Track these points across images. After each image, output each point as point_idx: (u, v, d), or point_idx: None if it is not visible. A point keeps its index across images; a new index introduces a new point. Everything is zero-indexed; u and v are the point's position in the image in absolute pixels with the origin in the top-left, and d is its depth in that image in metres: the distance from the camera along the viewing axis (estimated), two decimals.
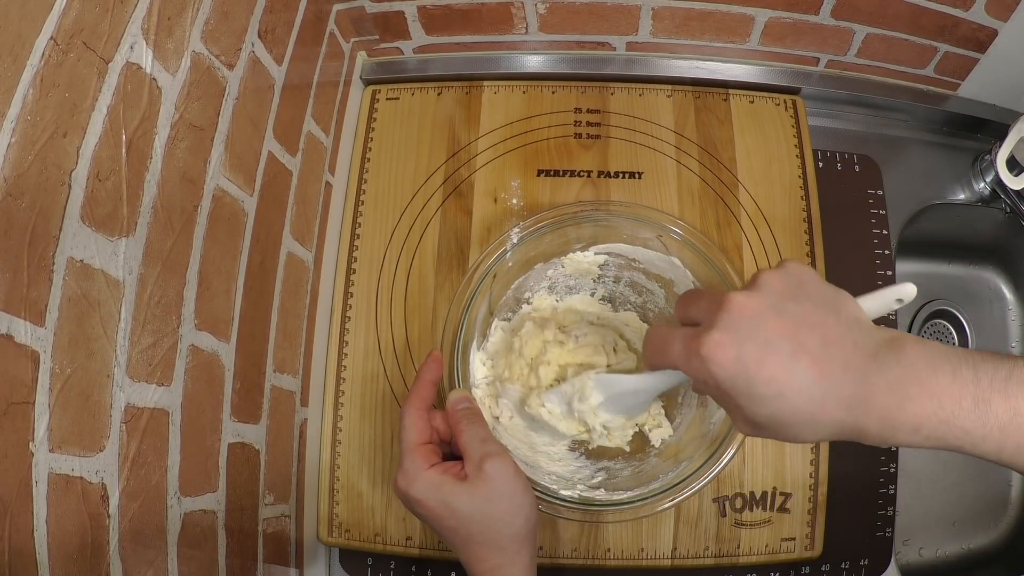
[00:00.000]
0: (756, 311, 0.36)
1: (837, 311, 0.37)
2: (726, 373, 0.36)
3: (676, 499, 0.50)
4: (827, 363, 0.35)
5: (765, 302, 0.36)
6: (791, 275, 0.38)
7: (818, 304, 0.37)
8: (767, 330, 0.36)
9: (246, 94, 0.48)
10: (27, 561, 0.30)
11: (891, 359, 0.35)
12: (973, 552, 0.74)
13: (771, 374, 0.35)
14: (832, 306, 0.37)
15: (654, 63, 0.72)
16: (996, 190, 0.72)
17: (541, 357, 0.57)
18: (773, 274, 0.38)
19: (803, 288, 0.37)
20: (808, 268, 0.39)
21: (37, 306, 0.31)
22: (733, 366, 0.36)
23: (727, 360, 0.36)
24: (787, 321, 0.36)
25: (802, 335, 0.35)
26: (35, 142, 0.30)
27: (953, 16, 0.63)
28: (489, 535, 0.44)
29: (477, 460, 0.45)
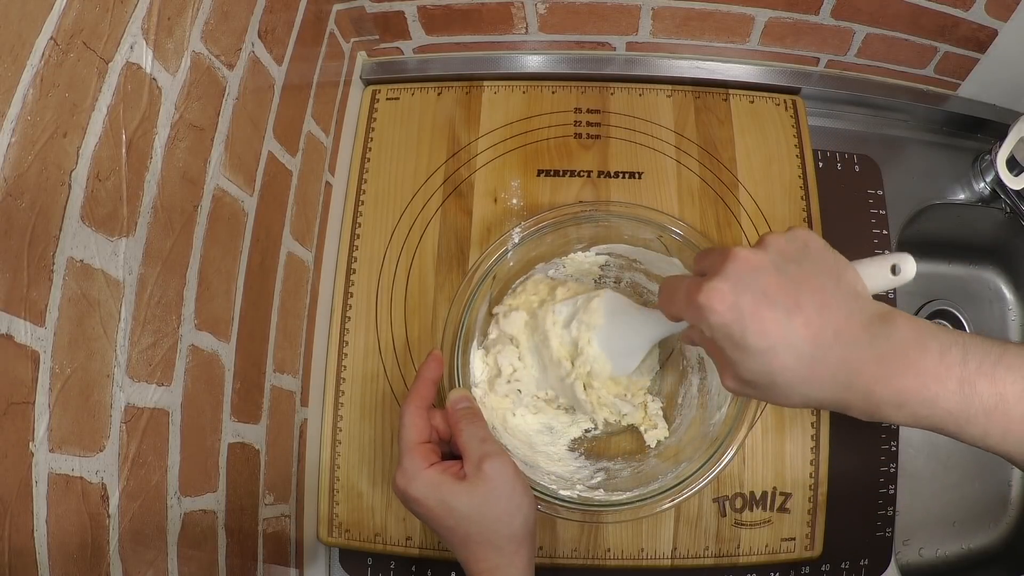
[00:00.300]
0: (758, 265, 0.37)
1: (837, 278, 0.38)
2: (720, 320, 0.37)
3: (676, 500, 0.50)
4: (821, 326, 0.36)
5: (768, 259, 0.38)
6: (797, 239, 0.39)
7: (819, 269, 0.38)
8: (766, 285, 0.37)
9: (246, 94, 0.48)
10: (27, 561, 0.30)
11: (882, 332, 0.35)
12: (973, 552, 0.74)
13: (765, 327, 0.36)
14: (833, 273, 0.38)
15: (654, 63, 0.72)
16: (996, 190, 0.72)
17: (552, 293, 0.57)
18: (779, 236, 0.39)
19: (807, 252, 0.38)
20: (815, 236, 0.39)
21: (37, 306, 0.31)
22: (728, 313, 0.37)
23: (723, 307, 0.37)
24: (787, 280, 0.37)
25: (800, 295, 0.36)
26: (35, 142, 0.30)
27: (953, 16, 0.63)
28: (487, 535, 0.44)
29: (476, 460, 0.45)
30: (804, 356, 0.36)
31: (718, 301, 0.37)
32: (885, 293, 0.53)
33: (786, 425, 0.61)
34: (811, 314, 0.36)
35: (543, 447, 0.58)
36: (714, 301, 0.37)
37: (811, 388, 0.37)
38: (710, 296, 0.37)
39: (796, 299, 0.36)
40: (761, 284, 0.37)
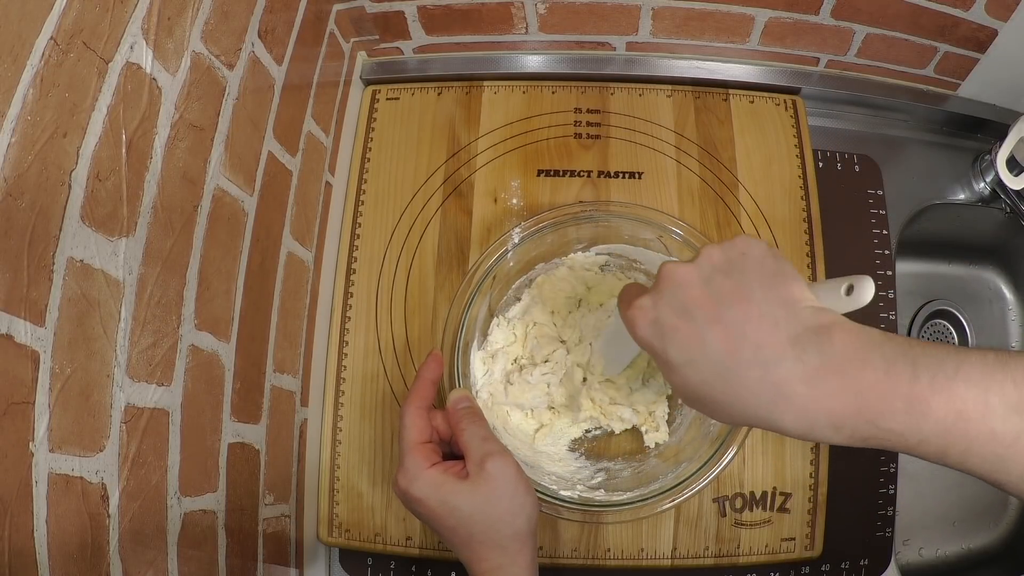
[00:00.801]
0: (682, 280, 0.37)
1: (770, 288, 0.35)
2: (643, 335, 0.38)
3: (676, 500, 0.50)
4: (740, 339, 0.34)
5: (695, 274, 0.37)
6: (735, 248, 0.37)
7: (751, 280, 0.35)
8: (687, 299, 0.36)
9: (246, 94, 0.48)
10: (27, 561, 0.30)
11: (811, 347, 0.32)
12: (973, 552, 0.74)
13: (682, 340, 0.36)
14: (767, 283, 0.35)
15: (654, 63, 0.72)
16: (996, 190, 0.72)
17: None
18: (716, 248, 0.38)
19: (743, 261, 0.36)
20: (759, 244, 0.37)
21: (37, 306, 0.31)
22: (649, 329, 0.37)
23: (645, 323, 0.37)
24: (711, 292, 0.36)
25: (721, 308, 0.35)
26: (35, 142, 0.30)
27: (953, 16, 0.63)
28: (490, 534, 0.44)
29: (478, 459, 0.45)
30: (723, 370, 0.34)
31: (641, 317, 0.38)
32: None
33: None
34: (730, 327, 0.34)
35: (544, 447, 0.58)
36: (638, 316, 0.38)
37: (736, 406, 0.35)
38: (634, 312, 0.38)
39: (717, 311, 0.35)
40: (682, 298, 0.36)
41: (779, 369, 0.33)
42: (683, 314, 0.36)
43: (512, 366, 0.59)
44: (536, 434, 0.58)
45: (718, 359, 0.34)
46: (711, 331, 0.35)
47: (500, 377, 0.58)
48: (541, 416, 0.59)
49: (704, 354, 0.35)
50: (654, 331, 0.37)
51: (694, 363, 0.35)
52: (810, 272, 0.65)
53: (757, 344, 0.34)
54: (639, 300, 0.38)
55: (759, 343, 0.34)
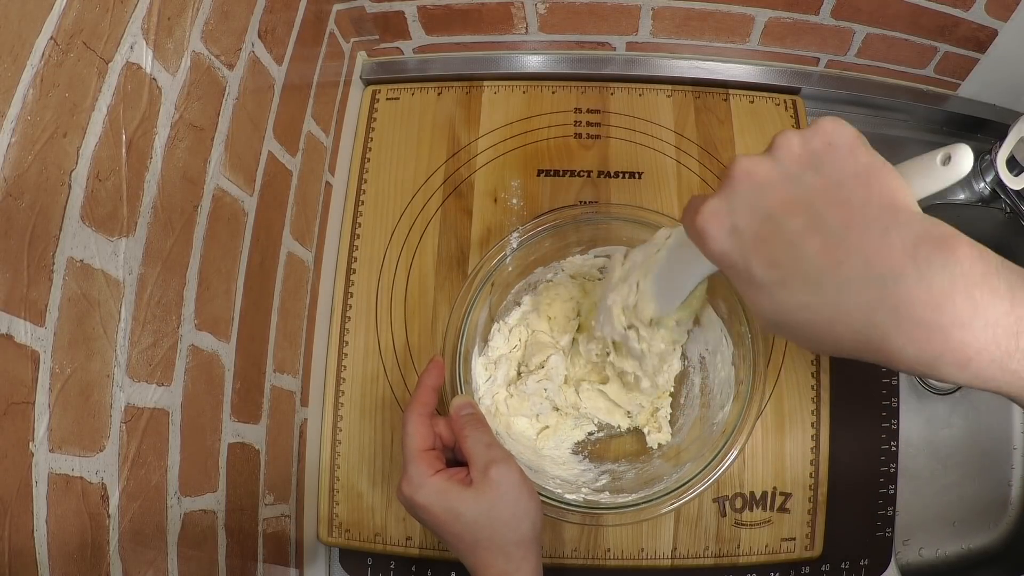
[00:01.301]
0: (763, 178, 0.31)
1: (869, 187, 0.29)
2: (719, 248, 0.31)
3: (676, 503, 0.50)
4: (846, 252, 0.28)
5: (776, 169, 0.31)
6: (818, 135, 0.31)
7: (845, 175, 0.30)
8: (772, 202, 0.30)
9: (246, 94, 0.48)
10: (27, 561, 0.30)
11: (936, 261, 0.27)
12: (973, 552, 0.74)
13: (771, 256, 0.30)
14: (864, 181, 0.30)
15: (654, 63, 0.72)
16: (996, 190, 0.72)
17: None
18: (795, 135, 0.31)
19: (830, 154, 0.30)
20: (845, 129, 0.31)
21: (37, 306, 0.31)
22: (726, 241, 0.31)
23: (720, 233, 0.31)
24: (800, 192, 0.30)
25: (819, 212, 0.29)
26: (35, 142, 0.30)
27: (953, 16, 0.63)
28: (495, 541, 0.44)
29: (482, 466, 0.44)
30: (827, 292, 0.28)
31: (715, 226, 0.31)
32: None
33: (786, 425, 0.61)
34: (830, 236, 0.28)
35: (548, 451, 0.58)
36: (710, 224, 0.31)
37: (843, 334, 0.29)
38: (707, 220, 0.31)
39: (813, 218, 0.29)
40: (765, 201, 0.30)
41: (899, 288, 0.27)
42: (768, 221, 0.30)
43: (513, 373, 0.59)
44: (539, 437, 0.58)
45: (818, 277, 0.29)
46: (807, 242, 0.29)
47: (503, 382, 0.58)
48: (544, 419, 0.59)
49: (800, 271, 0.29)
50: (734, 242, 0.31)
51: (787, 282, 0.29)
52: None
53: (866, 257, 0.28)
54: (709, 204, 0.32)
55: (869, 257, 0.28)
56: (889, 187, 0.29)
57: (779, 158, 0.31)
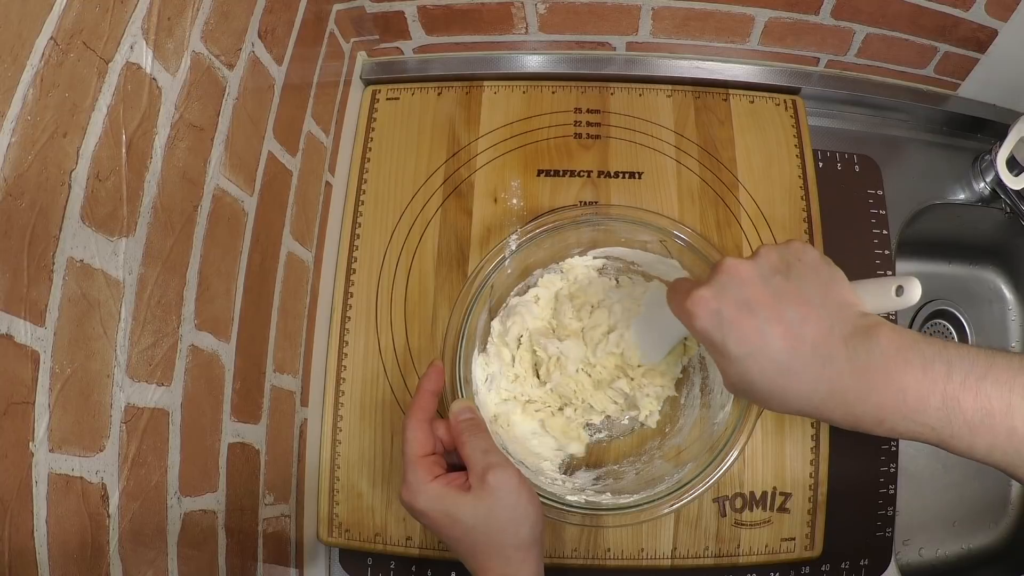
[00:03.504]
0: (745, 276, 0.39)
1: (825, 292, 0.38)
2: (703, 325, 0.39)
3: (676, 505, 0.50)
4: (799, 338, 0.37)
5: (755, 271, 0.39)
6: (790, 251, 0.40)
7: (807, 283, 0.38)
8: (750, 295, 0.38)
9: (246, 94, 0.48)
10: (27, 561, 0.30)
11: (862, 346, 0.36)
12: (973, 552, 0.74)
13: (743, 333, 0.38)
14: (822, 285, 0.38)
15: (654, 63, 0.72)
16: (996, 190, 0.72)
17: None
18: (772, 249, 0.40)
19: (798, 265, 0.39)
20: (810, 248, 0.40)
21: (37, 306, 0.31)
22: (711, 319, 0.39)
23: (706, 313, 0.39)
24: (771, 291, 0.38)
25: (782, 307, 0.37)
26: (35, 142, 0.30)
27: (953, 16, 0.63)
28: (494, 545, 0.44)
29: (480, 471, 0.45)
30: (782, 366, 0.37)
31: (702, 308, 0.39)
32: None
33: (786, 426, 0.61)
34: (791, 325, 0.37)
35: (548, 453, 0.58)
36: (698, 307, 0.39)
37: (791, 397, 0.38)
38: (695, 303, 0.39)
39: (777, 310, 0.37)
40: (745, 294, 0.38)
41: (833, 365, 0.36)
42: (744, 308, 0.38)
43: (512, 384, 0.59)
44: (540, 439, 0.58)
45: (777, 355, 0.37)
46: (772, 328, 0.37)
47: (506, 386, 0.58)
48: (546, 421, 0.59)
49: (764, 348, 0.37)
50: (715, 322, 0.38)
51: (753, 356, 0.37)
52: None
53: (815, 343, 0.36)
54: (698, 291, 0.39)
55: (816, 342, 0.36)
56: (841, 293, 0.38)
57: (759, 264, 0.39)
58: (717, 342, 0.39)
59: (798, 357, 0.37)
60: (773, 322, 0.37)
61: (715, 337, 0.39)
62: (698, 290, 0.40)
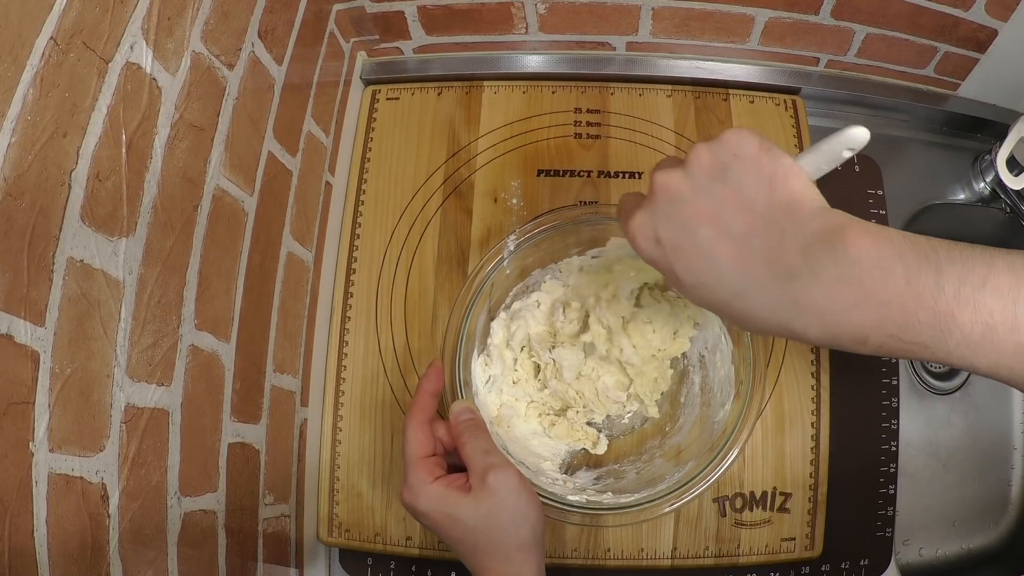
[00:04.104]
0: (677, 192, 0.34)
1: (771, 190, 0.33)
2: (648, 254, 0.36)
3: (676, 504, 0.50)
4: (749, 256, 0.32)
5: (688, 182, 0.34)
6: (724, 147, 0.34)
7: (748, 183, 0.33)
8: (686, 214, 0.34)
9: (246, 94, 0.48)
10: (27, 561, 0.30)
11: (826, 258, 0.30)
12: (973, 552, 0.74)
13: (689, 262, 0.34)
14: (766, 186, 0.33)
15: (654, 63, 0.72)
16: (996, 190, 0.72)
17: None
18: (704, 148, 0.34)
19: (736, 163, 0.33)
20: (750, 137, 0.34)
21: (37, 306, 0.31)
22: (653, 249, 0.35)
23: (647, 243, 0.35)
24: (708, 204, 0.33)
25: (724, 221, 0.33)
26: (35, 142, 0.30)
27: (953, 16, 0.63)
28: (495, 546, 0.44)
29: (480, 472, 0.45)
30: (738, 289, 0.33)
31: (641, 236, 0.35)
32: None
33: (786, 425, 0.61)
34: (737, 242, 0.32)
35: (548, 453, 0.58)
36: (638, 236, 0.36)
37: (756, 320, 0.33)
38: (634, 231, 0.36)
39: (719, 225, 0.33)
40: (682, 213, 0.34)
41: (795, 285, 0.31)
42: (684, 231, 0.34)
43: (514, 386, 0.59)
44: (540, 440, 0.58)
45: (731, 279, 0.33)
46: (718, 249, 0.33)
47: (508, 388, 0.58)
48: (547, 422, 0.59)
49: (716, 275, 0.33)
50: (659, 251, 0.35)
51: (707, 285, 0.34)
52: None
53: (767, 259, 0.32)
54: (636, 216, 0.36)
55: (769, 258, 0.32)
56: (789, 188, 0.32)
57: (691, 172, 0.34)
58: (666, 270, 0.35)
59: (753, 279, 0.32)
60: (717, 241, 0.33)
61: (662, 265, 0.35)
62: (635, 215, 0.36)
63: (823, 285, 0.30)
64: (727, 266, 0.33)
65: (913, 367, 0.79)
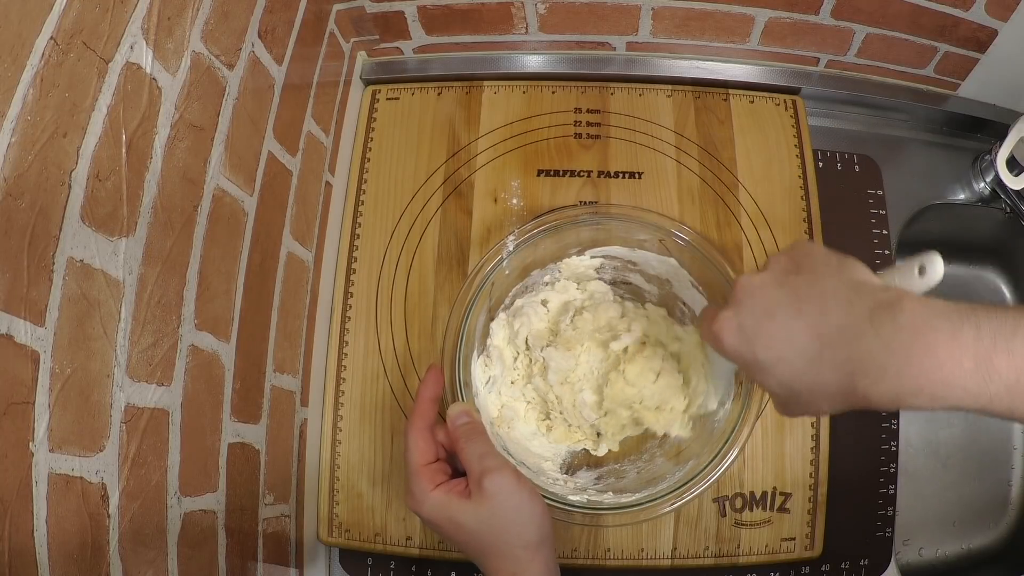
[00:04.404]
0: (759, 286, 0.39)
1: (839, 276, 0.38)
2: (732, 344, 0.40)
3: (677, 503, 0.50)
4: (823, 325, 0.36)
5: (768, 278, 0.40)
6: (797, 250, 0.40)
7: (820, 273, 0.38)
8: (767, 301, 0.39)
9: (246, 94, 0.48)
10: (27, 561, 0.30)
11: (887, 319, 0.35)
12: (973, 552, 0.74)
13: (769, 340, 0.38)
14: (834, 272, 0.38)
15: (654, 63, 0.72)
16: (996, 190, 0.72)
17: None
18: (781, 254, 0.41)
19: (809, 261, 0.39)
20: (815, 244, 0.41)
21: (37, 306, 0.31)
22: (736, 337, 0.39)
23: (731, 332, 0.40)
24: (787, 291, 0.38)
25: (800, 302, 0.37)
26: (35, 142, 0.30)
27: (953, 16, 0.63)
28: (501, 547, 0.45)
29: (477, 477, 0.45)
30: (812, 357, 0.37)
31: (727, 330, 0.40)
32: None
33: (786, 425, 0.61)
34: (812, 316, 0.37)
35: (548, 454, 0.58)
36: (724, 331, 0.40)
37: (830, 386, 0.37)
38: (720, 326, 0.40)
39: (797, 306, 0.37)
40: (762, 303, 0.39)
41: (861, 343, 0.35)
42: (766, 315, 0.38)
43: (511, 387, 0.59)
44: (540, 441, 0.58)
45: (805, 348, 0.37)
46: (795, 325, 0.37)
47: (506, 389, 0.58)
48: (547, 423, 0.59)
49: (792, 347, 0.37)
50: (741, 338, 0.39)
51: (784, 359, 0.37)
52: None
53: (838, 327, 0.36)
54: (721, 314, 0.40)
55: (839, 324, 0.36)
56: (854, 271, 0.38)
57: (771, 270, 0.40)
58: (747, 356, 0.39)
59: (825, 343, 0.36)
60: (794, 318, 0.37)
61: (744, 352, 0.39)
62: (720, 313, 0.40)
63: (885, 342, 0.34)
64: (803, 337, 0.37)
65: None
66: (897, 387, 0.35)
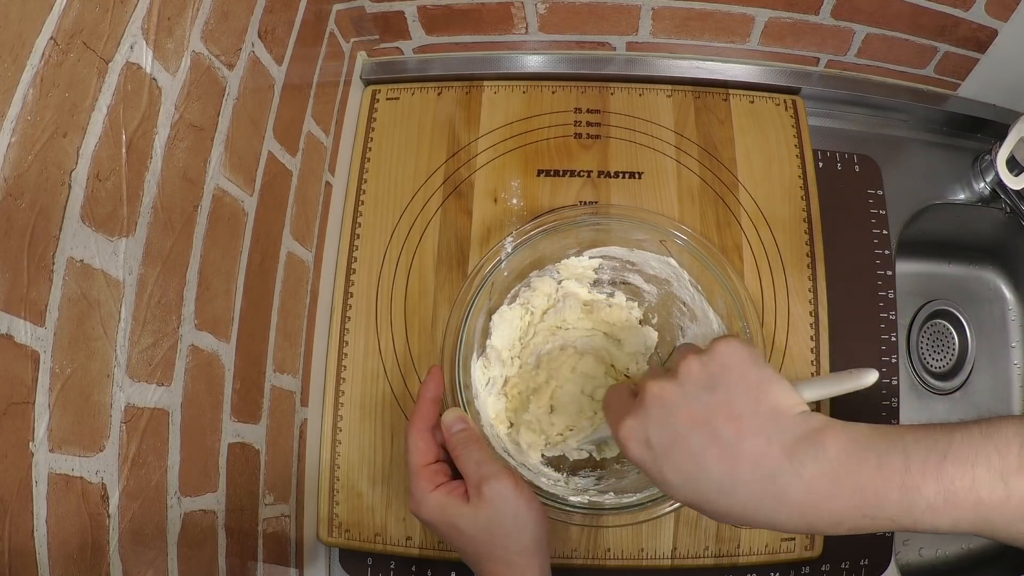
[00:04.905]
0: (669, 400, 0.37)
1: (757, 400, 0.36)
2: (637, 457, 0.38)
3: (677, 503, 0.50)
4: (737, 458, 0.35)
5: (679, 392, 0.37)
6: (715, 360, 0.37)
7: (737, 393, 0.36)
8: (678, 420, 0.37)
9: (246, 94, 0.48)
10: (27, 561, 0.30)
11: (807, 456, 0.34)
12: (973, 552, 0.74)
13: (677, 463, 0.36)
14: (753, 394, 0.36)
15: (654, 63, 0.72)
16: (996, 190, 0.72)
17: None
18: (694, 360, 0.38)
19: (725, 375, 0.37)
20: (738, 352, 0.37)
21: (37, 306, 0.31)
22: (644, 451, 0.38)
23: (638, 446, 0.38)
24: (700, 410, 0.36)
25: (713, 426, 0.36)
26: (35, 142, 0.30)
27: (953, 16, 0.63)
28: (497, 552, 0.45)
29: (475, 483, 0.46)
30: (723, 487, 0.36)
31: (633, 440, 0.38)
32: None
33: None
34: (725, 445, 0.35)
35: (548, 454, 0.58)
36: (630, 441, 0.38)
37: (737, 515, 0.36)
38: (627, 436, 0.38)
39: (709, 431, 0.36)
40: (672, 420, 0.37)
41: (778, 481, 0.34)
42: (676, 436, 0.37)
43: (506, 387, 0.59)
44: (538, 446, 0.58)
45: (717, 477, 0.35)
46: (707, 452, 0.36)
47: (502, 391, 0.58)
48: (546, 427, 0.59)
49: (703, 474, 0.36)
50: (649, 454, 0.38)
51: (693, 482, 0.36)
52: (810, 272, 0.65)
53: (754, 460, 0.35)
54: (627, 422, 0.38)
55: (755, 459, 0.35)
56: (774, 397, 0.36)
57: (682, 381, 0.38)
58: (654, 472, 0.38)
59: (739, 478, 0.35)
60: (706, 445, 0.36)
61: (651, 468, 0.38)
62: (626, 420, 0.38)
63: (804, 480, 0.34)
64: (716, 467, 0.35)
65: (913, 367, 0.79)
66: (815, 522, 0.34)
